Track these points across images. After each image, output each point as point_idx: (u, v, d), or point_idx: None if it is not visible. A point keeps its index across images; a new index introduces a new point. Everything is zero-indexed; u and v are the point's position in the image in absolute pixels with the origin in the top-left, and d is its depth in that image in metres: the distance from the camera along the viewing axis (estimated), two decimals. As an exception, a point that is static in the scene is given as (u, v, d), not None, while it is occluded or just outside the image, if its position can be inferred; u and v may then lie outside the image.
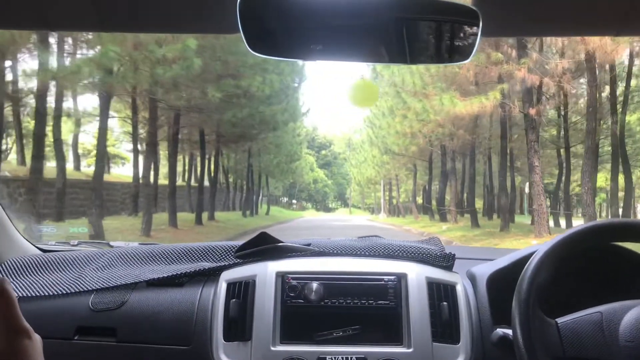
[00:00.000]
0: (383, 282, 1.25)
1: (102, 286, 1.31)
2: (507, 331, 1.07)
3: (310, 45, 0.79)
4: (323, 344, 1.19)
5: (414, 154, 23.65)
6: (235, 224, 18.99)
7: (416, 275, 1.26)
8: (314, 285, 1.24)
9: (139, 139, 16.34)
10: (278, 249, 1.39)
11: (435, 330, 1.20)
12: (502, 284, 1.21)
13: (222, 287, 1.27)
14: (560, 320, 1.03)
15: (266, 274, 1.26)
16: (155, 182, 18.00)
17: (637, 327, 0.96)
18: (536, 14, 0.82)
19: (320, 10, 0.76)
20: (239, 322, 1.21)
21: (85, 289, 1.31)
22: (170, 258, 1.43)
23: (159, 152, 19.78)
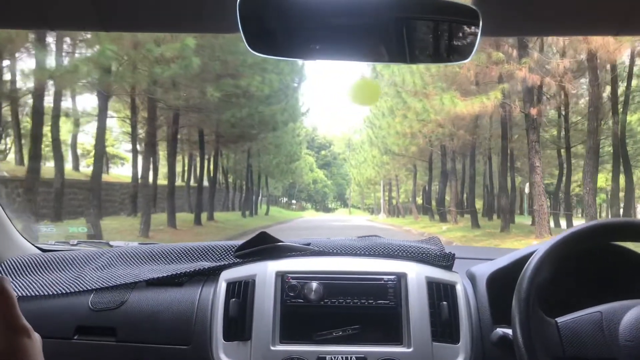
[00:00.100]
0: (383, 281, 1.25)
1: (102, 286, 1.31)
2: (507, 331, 1.07)
3: (310, 44, 0.79)
4: (323, 344, 1.19)
5: (414, 154, 23.67)
6: (235, 224, 19.00)
7: (416, 274, 1.26)
8: (313, 284, 1.23)
9: (138, 139, 16.30)
10: (278, 248, 1.38)
11: (435, 330, 1.19)
12: (502, 283, 1.20)
13: (222, 286, 1.27)
14: (560, 319, 1.02)
15: (266, 273, 1.26)
16: (155, 182, 18.01)
17: (637, 327, 0.96)
18: (536, 14, 0.82)
19: (320, 10, 0.76)
20: (238, 321, 1.21)
21: (84, 288, 1.30)
22: (169, 258, 1.42)
23: (158, 152, 19.78)
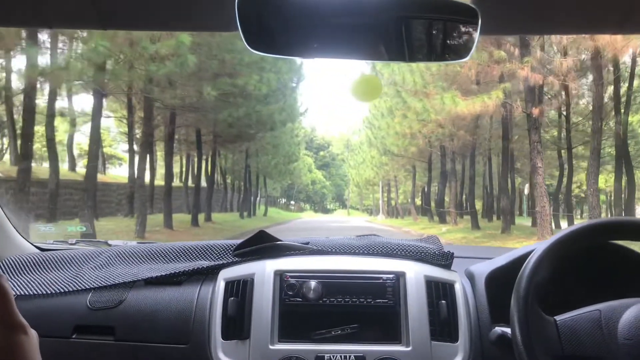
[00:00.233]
0: (381, 280, 1.25)
1: (100, 285, 1.31)
2: (506, 329, 1.07)
3: (309, 42, 0.78)
4: (321, 343, 1.19)
5: (413, 155, 23.61)
6: (232, 225, 18.92)
7: (415, 273, 1.26)
8: (312, 283, 1.23)
9: (135, 139, 16.13)
10: (276, 247, 1.39)
11: (433, 329, 1.20)
12: (500, 282, 1.20)
13: (221, 285, 1.27)
14: (559, 317, 1.02)
15: (264, 272, 1.26)
16: (152, 182, 17.86)
17: (635, 325, 0.96)
18: (535, 12, 0.82)
19: (319, 8, 0.75)
20: (237, 320, 1.21)
21: (83, 287, 1.31)
22: (168, 257, 1.43)
23: (156, 153, 19.64)
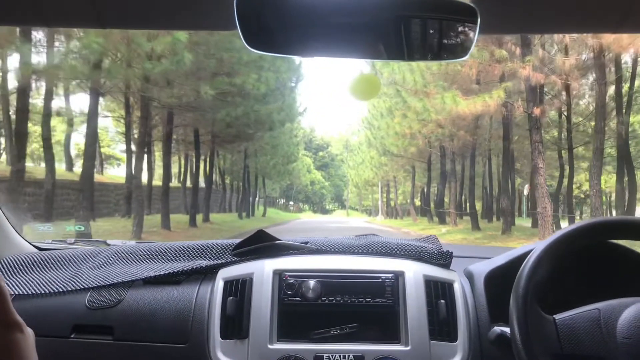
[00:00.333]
0: (380, 280, 1.25)
1: (99, 284, 1.31)
2: (505, 329, 1.07)
3: (308, 41, 0.78)
4: (320, 342, 1.18)
5: (412, 155, 23.52)
6: (231, 225, 18.82)
7: (414, 273, 1.26)
8: (311, 283, 1.22)
9: (132, 139, 15.99)
10: (275, 247, 1.38)
11: (432, 329, 1.20)
12: (499, 282, 1.20)
13: (219, 285, 1.27)
14: (558, 316, 1.02)
15: (263, 271, 1.25)
16: (150, 183, 17.74)
17: (634, 324, 0.95)
18: (535, 11, 0.82)
19: (318, 6, 0.75)
20: (236, 320, 1.21)
21: (81, 287, 1.31)
22: (167, 256, 1.43)
23: (154, 153, 19.50)
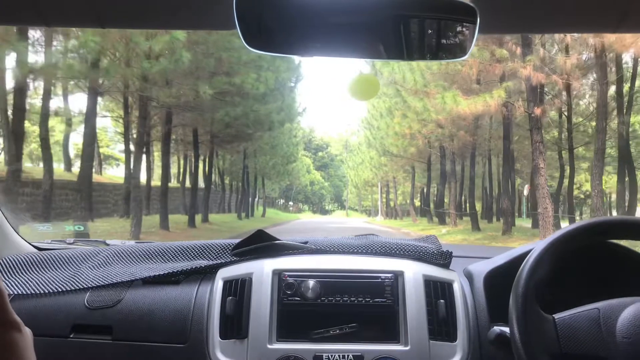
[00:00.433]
0: (380, 279, 1.25)
1: (98, 284, 1.31)
2: (504, 329, 1.06)
3: (307, 41, 0.78)
4: (320, 342, 1.18)
5: (412, 156, 23.46)
6: (230, 226, 18.76)
7: (413, 273, 1.26)
8: (310, 282, 1.22)
9: (131, 139, 15.92)
10: (275, 246, 1.38)
11: (432, 328, 1.19)
12: (499, 281, 1.20)
13: (219, 284, 1.27)
14: (558, 316, 1.02)
15: (263, 271, 1.25)
16: (149, 183, 17.66)
17: (634, 324, 0.95)
18: (534, 11, 0.82)
19: (318, 6, 0.75)
20: (235, 319, 1.21)
21: (81, 286, 1.31)
22: (166, 256, 1.43)
23: (153, 153, 19.42)
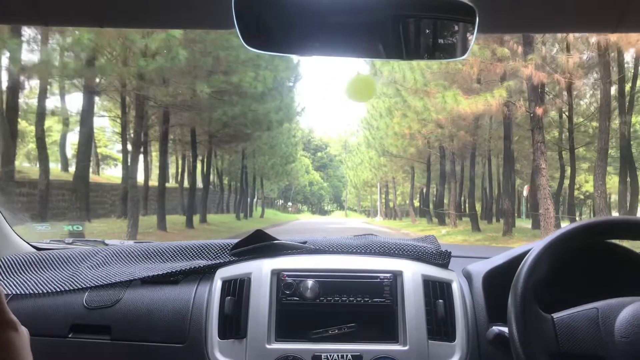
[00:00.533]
0: (379, 279, 1.24)
1: (97, 284, 1.31)
2: (503, 329, 1.06)
3: (306, 40, 0.77)
4: (318, 342, 1.18)
5: (412, 156, 23.38)
6: (228, 227, 18.68)
7: (412, 273, 1.26)
8: (309, 282, 1.22)
9: (129, 139, 15.79)
10: (273, 246, 1.38)
11: (430, 328, 1.19)
12: (497, 281, 1.20)
13: (217, 284, 1.27)
14: (556, 315, 1.02)
15: (261, 271, 1.25)
16: (146, 183, 17.55)
17: (632, 324, 0.95)
18: (533, 11, 0.82)
19: (317, 5, 0.75)
20: (234, 319, 1.20)
21: (79, 286, 1.31)
22: (165, 256, 1.43)
23: (151, 153, 19.32)
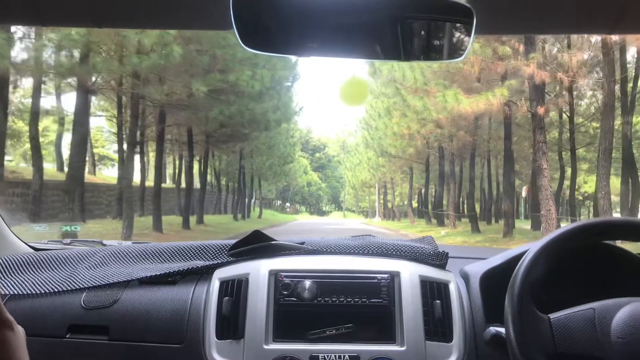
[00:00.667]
0: (376, 280, 1.25)
1: (95, 284, 1.31)
2: (500, 329, 1.06)
3: (304, 41, 0.77)
4: (316, 342, 1.18)
5: (410, 156, 23.28)
6: (226, 227, 18.52)
7: (409, 273, 1.26)
8: (307, 283, 1.22)
9: (125, 139, 15.62)
10: (271, 247, 1.38)
11: (428, 329, 1.20)
12: (495, 282, 1.20)
13: (215, 285, 1.27)
14: (553, 315, 1.01)
15: (259, 272, 1.26)
16: (142, 183, 17.38)
17: (629, 324, 0.95)
18: (531, 12, 0.82)
19: (315, 6, 0.75)
20: (231, 320, 1.21)
21: (77, 287, 1.31)
22: (163, 256, 1.43)
23: (148, 153, 19.13)
